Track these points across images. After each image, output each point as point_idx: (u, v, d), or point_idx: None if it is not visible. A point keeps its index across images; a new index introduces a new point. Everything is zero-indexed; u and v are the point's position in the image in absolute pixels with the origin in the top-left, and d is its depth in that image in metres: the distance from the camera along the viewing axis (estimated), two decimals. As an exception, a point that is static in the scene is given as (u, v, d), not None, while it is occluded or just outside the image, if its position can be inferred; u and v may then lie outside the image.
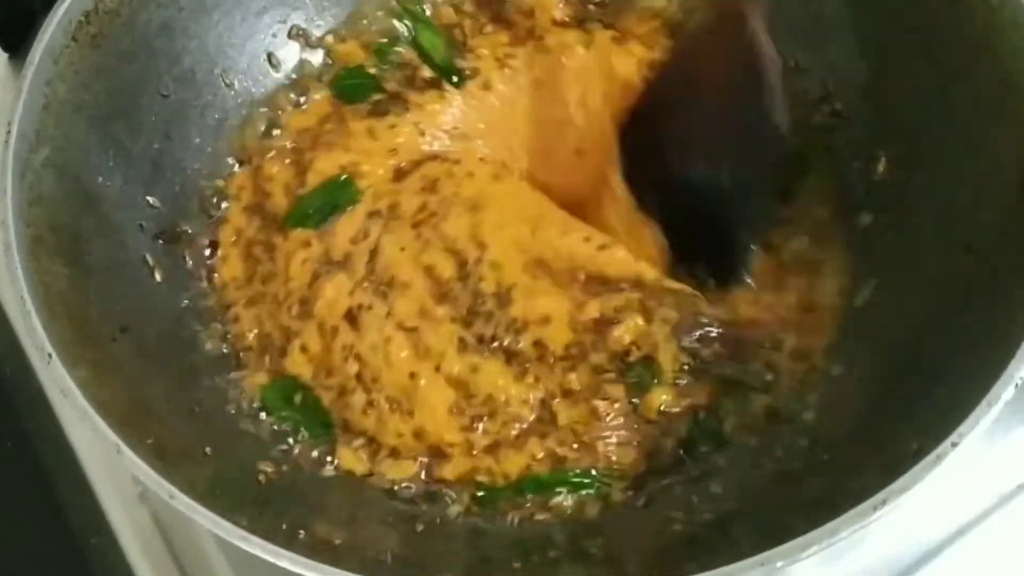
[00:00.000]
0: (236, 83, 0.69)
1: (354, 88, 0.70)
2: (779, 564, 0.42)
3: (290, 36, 0.71)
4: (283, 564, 0.44)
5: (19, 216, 0.52)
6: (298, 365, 0.62)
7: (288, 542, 0.45)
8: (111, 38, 0.60)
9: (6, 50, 0.77)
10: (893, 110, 0.61)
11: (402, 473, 0.58)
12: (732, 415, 0.58)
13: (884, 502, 0.42)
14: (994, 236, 0.52)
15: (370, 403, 0.60)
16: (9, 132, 0.54)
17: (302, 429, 0.60)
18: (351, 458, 0.59)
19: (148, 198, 0.63)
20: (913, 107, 0.60)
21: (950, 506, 0.60)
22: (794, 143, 0.59)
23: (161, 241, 0.63)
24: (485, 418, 0.59)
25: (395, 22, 0.71)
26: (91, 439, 0.48)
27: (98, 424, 0.47)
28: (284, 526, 0.49)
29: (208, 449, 0.54)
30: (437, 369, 0.59)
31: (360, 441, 0.60)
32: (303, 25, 0.72)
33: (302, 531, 0.49)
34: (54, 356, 0.48)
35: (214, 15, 0.67)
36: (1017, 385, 0.44)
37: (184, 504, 0.45)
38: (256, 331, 0.64)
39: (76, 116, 0.58)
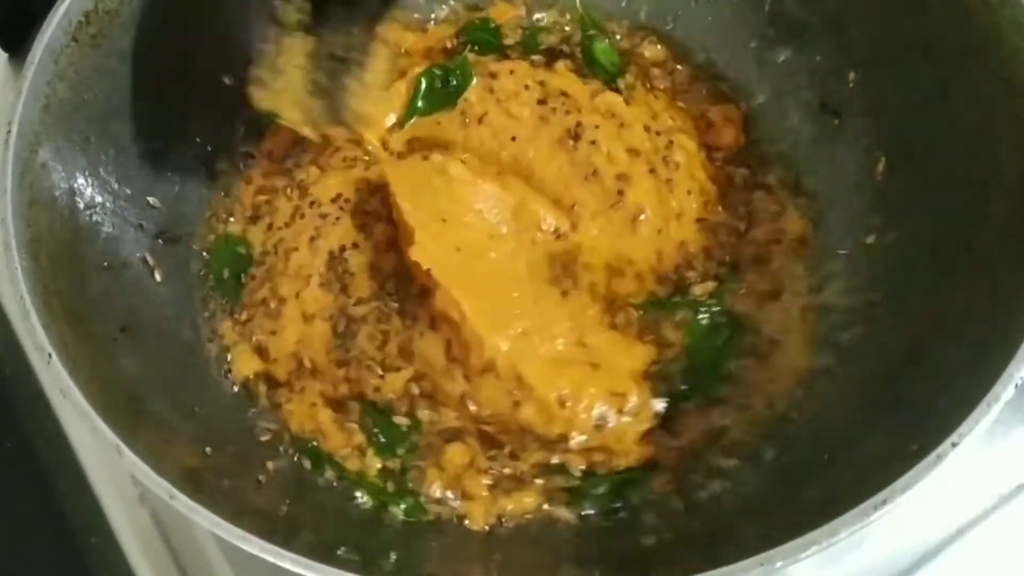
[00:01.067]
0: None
1: (482, 41, 0.74)
2: (779, 564, 0.42)
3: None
4: (283, 564, 0.44)
5: (19, 216, 0.52)
6: (256, 235, 0.67)
7: (287, 541, 0.45)
8: (111, 38, 0.60)
9: (6, 50, 0.77)
10: (893, 110, 0.61)
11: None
12: (732, 418, 0.59)
13: (884, 502, 0.42)
14: (994, 236, 0.52)
15: (263, 300, 0.64)
16: (9, 132, 0.54)
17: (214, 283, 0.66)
18: (247, 359, 0.63)
19: (148, 198, 0.63)
20: (913, 107, 0.60)
21: (950, 506, 0.60)
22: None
23: (161, 241, 0.63)
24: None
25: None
26: (91, 439, 0.48)
27: (98, 424, 0.47)
28: (283, 525, 0.49)
29: (208, 449, 0.54)
30: (297, 296, 0.63)
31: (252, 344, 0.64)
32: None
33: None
34: (54, 356, 0.48)
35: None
36: (1017, 385, 0.44)
37: (184, 504, 0.45)
38: (255, 194, 0.69)
39: (76, 116, 0.58)
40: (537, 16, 0.75)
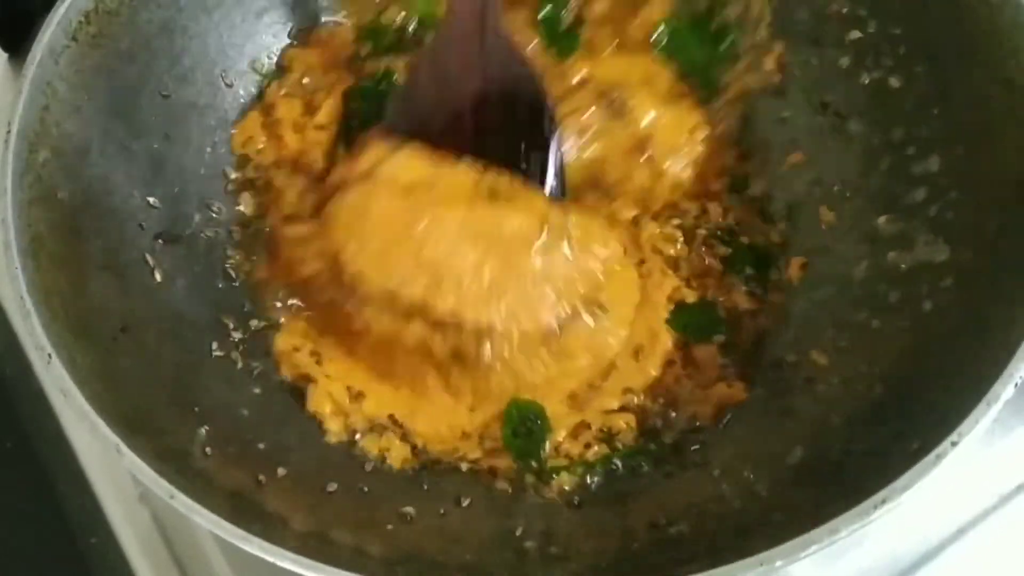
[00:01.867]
0: (236, 83, 0.69)
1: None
2: (778, 563, 0.42)
3: (290, 36, 0.72)
4: (283, 564, 0.44)
5: (19, 216, 0.52)
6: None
7: (287, 540, 0.45)
8: (111, 38, 0.60)
9: (6, 50, 0.77)
10: (893, 110, 0.61)
11: None
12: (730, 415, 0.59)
13: (884, 501, 0.42)
14: (994, 236, 0.52)
15: None
16: (9, 132, 0.53)
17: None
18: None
19: (148, 198, 0.63)
20: (913, 107, 0.60)
21: (950, 506, 0.60)
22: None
23: (161, 241, 0.63)
24: None
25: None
26: (91, 439, 0.48)
27: (98, 424, 0.47)
28: (284, 524, 0.49)
29: (208, 450, 0.54)
30: None
31: None
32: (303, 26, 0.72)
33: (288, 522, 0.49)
34: (54, 356, 0.48)
35: (214, 15, 0.67)
36: (1017, 385, 0.44)
37: (184, 504, 0.45)
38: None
39: (76, 116, 0.58)
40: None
